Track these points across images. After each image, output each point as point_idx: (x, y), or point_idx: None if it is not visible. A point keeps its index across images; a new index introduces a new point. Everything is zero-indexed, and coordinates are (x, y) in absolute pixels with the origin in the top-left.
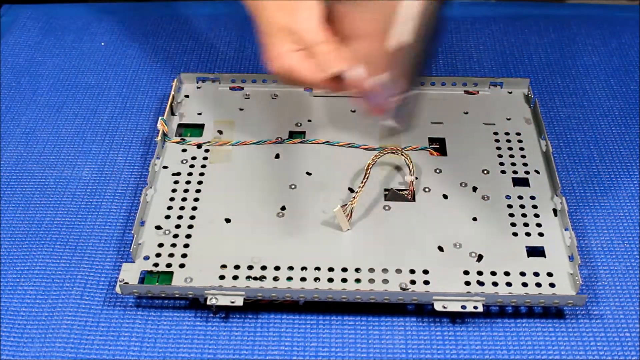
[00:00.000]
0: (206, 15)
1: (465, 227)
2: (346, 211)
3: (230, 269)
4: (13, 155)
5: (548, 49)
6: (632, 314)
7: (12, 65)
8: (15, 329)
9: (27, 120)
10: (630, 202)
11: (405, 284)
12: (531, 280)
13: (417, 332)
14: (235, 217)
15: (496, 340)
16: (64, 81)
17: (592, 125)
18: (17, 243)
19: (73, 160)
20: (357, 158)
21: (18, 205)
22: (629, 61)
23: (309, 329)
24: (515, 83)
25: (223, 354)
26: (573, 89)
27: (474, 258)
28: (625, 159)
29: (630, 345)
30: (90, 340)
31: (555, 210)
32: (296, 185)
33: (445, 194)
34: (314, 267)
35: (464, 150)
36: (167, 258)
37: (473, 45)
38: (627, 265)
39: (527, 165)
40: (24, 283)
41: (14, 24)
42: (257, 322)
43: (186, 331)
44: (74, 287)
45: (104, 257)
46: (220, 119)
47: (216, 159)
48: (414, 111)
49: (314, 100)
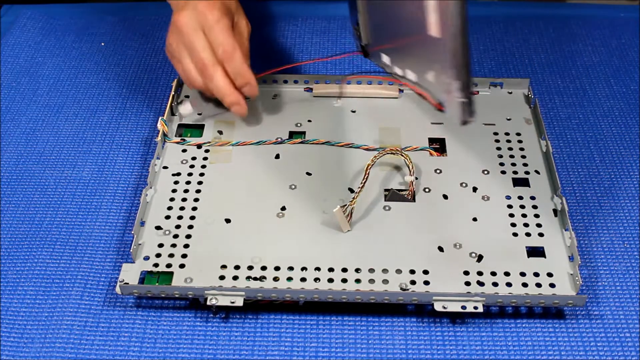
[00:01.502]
0: None
1: (465, 227)
2: (346, 211)
3: (230, 269)
4: (13, 155)
5: (548, 49)
6: (632, 314)
7: (12, 65)
8: (15, 329)
9: (27, 120)
10: (630, 202)
11: (405, 284)
12: (531, 280)
13: (417, 333)
14: (235, 217)
15: (496, 340)
16: (64, 81)
17: (592, 125)
18: (17, 243)
19: (73, 160)
20: (357, 158)
21: (18, 205)
22: (629, 61)
23: (309, 329)
24: (515, 83)
25: (223, 354)
26: (573, 89)
27: (474, 258)
28: (625, 159)
29: (630, 345)
30: (90, 340)
31: (555, 210)
32: (296, 186)
33: (445, 194)
34: (314, 267)
35: (464, 150)
36: (167, 258)
37: (473, 45)
38: (627, 265)
39: (527, 165)
40: (24, 283)
41: (14, 24)
42: (257, 322)
43: (186, 331)
44: (74, 287)
45: (104, 257)
46: (220, 119)
47: (216, 159)
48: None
49: (314, 100)
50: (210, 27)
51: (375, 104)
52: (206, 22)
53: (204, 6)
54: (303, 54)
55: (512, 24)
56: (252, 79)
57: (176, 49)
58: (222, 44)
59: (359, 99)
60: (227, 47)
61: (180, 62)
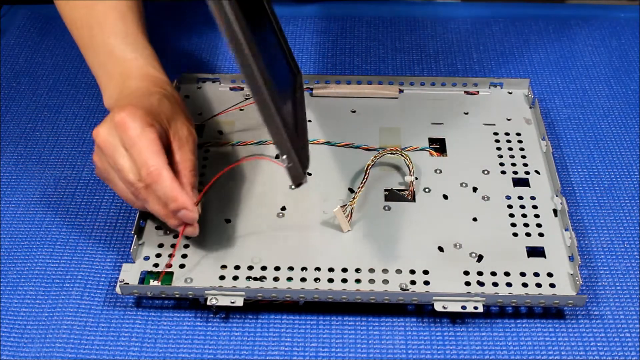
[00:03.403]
0: (206, 15)
1: (465, 227)
2: (346, 211)
3: (230, 269)
4: (13, 155)
5: (548, 49)
6: (632, 314)
7: (11, 65)
8: (15, 329)
9: (27, 120)
10: (630, 202)
11: (405, 284)
12: (531, 280)
13: (417, 333)
14: (235, 217)
15: (496, 340)
16: (63, 81)
17: (592, 125)
18: (17, 243)
19: (73, 160)
20: (357, 158)
21: (18, 205)
22: (629, 61)
23: (309, 329)
24: (515, 83)
25: (223, 354)
26: (573, 89)
27: (474, 258)
28: (625, 159)
29: (630, 346)
30: (90, 340)
31: (555, 210)
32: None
33: (445, 194)
34: (314, 267)
35: (464, 150)
36: (167, 258)
37: (473, 45)
38: (627, 265)
39: (527, 165)
40: (24, 283)
41: (13, 24)
42: (257, 322)
43: (186, 331)
44: (74, 288)
45: (104, 257)
46: (221, 119)
47: (216, 159)
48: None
49: (314, 100)
50: (131, 144)
51: (375, 104)
52: (126, 137)
53: (122, 117)
54: (303, 54)
55: (512, 24)
56: (186, 203)
57: (103, 171)
58: (144, 164)
59: (359, 99)
60: (150, 168)
61: (112, 183)
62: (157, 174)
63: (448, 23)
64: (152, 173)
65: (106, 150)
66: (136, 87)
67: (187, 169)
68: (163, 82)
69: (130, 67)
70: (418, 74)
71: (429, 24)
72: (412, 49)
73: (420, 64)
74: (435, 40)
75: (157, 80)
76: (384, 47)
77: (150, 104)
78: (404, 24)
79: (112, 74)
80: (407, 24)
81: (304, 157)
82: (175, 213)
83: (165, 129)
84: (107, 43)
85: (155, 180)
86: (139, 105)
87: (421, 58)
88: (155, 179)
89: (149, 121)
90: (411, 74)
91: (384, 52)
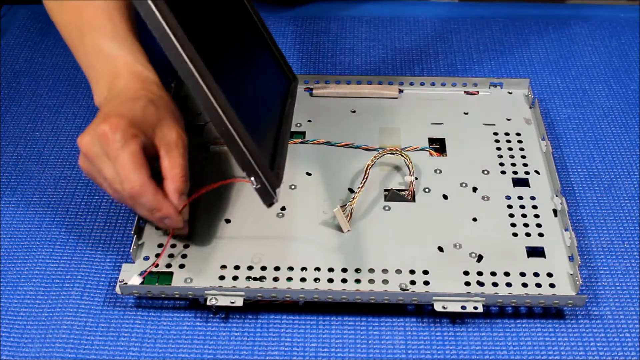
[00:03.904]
0: None
1: (465, 227)
2: (346, 211)
3: (230, 269)
4: (13, 155)
5: (548, 49)
6: (632, 314)
7: (11, 65)
8: (15, 329)
9: (27, 120)
10: (630, 202)
11: (405, 285)
12: (531, 280)
13: (417, 333)
14: (235, 217)
15: (496, 340)
16: (63, 81)
17: (592, 125)
18: (17, 243)
19: (73, 160)
20: (357, 158)
21: (18, 205)
22: (629, 61)
23: (309, 329)
24: (515, 83)
25: (223, 354)
26: (573, 89)
27: (474, 258)
28: (625, 159)
29: (630, 346)
30: (90, 340)
31: (555, 210)
32: (296, 186)
33: (445, 194)
34: (314, 268)
35: (464, 150)
36: (166, 258)
37: (473, 45)
38: (627, 265)
39: (527, 165)
40: (24, 283)
41: (13, 24)
42: (257, 322)
43: (186, 331)
44: (74, 288)
45: (104, 257)
46: None
47: (216, 159)
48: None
49: (314, 100)
50: (114, 157)
51: (375, 104)
52: (109, 149)
53: (105, 130)
54: (303, 54)
55: (512, 24)
56: (169, 212)
57: (90, 172)
58: (126, 179)
59: (358, 99)
60: (132, 183)
61: (101, 186)
62: (138, 190)
63: (448, 23)
64: (134, 188)
65: (91, 159)
66: (124, 87)
67: (176, 175)
68: (151, 81)
69: (118, 65)
70: (418, 74)
71: (429, 24)
72: (412, 49)
73: (420, 64)
74: (435, 40)
75: (145, 79)
76: (384, 47)
77: (134, 112)
78: (404, 24)
79: (101, 73)
80: (407, 24)
81: (273, 177)
82: (161, 219)
83: (150, 138)
84: (97, 44)
85: (138, 195)
86: (123, 114)
87: (421, 58)
88: (138, 194)
89: (132, 132)
90: (411, 74)
91: (384, 52)
